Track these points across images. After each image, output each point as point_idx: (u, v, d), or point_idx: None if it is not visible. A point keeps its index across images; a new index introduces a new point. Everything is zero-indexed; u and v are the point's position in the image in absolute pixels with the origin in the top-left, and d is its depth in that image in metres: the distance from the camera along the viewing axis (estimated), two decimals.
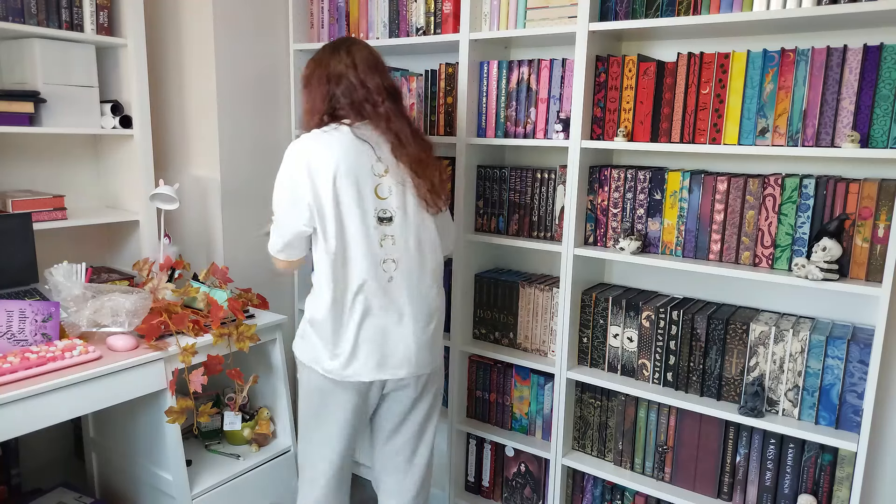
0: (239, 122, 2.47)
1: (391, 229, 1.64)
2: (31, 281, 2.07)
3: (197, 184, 2.50)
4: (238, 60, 2.44)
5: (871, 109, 1.60)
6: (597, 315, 2.07)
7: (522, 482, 2.32)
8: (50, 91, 2.06)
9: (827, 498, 1.77)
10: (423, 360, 1.71)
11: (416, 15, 2.25)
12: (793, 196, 1.72)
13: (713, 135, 1.79)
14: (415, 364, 1.69)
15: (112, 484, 2.17)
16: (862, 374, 1.68)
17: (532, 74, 2.07)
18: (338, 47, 1.68)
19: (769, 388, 1.81)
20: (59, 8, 2.06)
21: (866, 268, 1.66)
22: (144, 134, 2.29)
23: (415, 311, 1.67)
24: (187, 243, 2.57)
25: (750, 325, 1.81)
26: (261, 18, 2.50)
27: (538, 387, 2.22)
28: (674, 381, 1.95)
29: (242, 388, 2.10)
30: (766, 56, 1.70)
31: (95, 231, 2.48)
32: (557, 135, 2.02)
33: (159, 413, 1.84)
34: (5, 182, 2.25)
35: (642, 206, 1.95)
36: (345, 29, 2.44)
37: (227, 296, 2.02)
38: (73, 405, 1.63)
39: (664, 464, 2.00)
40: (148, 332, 1.82)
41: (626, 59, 1.91)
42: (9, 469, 2.16)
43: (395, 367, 1.67)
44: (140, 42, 2.24)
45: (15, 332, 1.70)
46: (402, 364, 1.67)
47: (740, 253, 1.81)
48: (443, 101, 2.25)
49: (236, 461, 2.12)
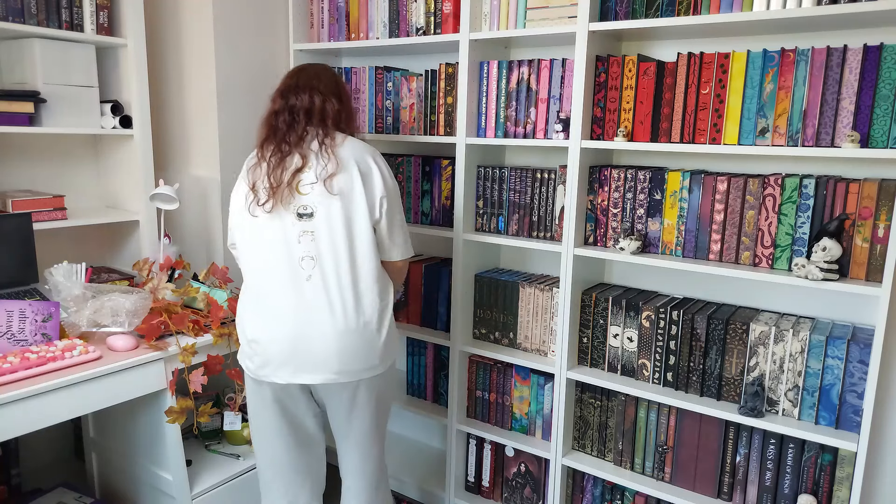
0: (239, 123, 2.47)
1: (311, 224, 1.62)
2: (31, 281, 2.07)
3: (197, 184, 2.50)
4: (238, 60, 2.44)
5: (871, 109, 1.60)
6: (597, 315, 2.07)
7: (522, 482, 2.32)
8: (50, 91, 2.06)
9: (827, 498, 1.77)
10: (349, 367, 1.63)
11: (416, 15, 2.25)
12: (793, 196, 1.72)
13: (713, 135, 1.79)
14: (334, 371, 1.62)
15: (112, 484, 2.17)
16: (862, 374, 1.68)
17: (532, 74, 2.07)
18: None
19: (769, 388, 1.81)
20: (59, 8, 2.06)
21: (866, 268, 1.66)
22: (144, 134, 2.29)
23: (337, 312, 1.62)
24: (187, 243, 2.57)
25: (750, 325, 1.81)
26: (261, 18, 2.50)
27: (538, 387, 2.22)
28: (674, 381, 1.95)
29: (242, 387, 2.10)
30: (766, 56, 1.70)
31: (95, 231, 2.48)
32: (557, 135, 2.02)
33: (159, 413, 1.85)
34: (5, 182, 2.25)
35: (642, 206, 1.95)
36: (345, 29, 2.44)
37: (227, 296, 2.02)
38: (73, 405, 1.63)
39: (664, 464, 2.00)
40: (148, 332, 1.82)
41: (626, 59, 1.91)
42: (9, 469, 2.16)
43: (310, 371, 1.62)
44: (140, 42, 2.24)
45: (15, 332, 1.70)
46: (318, 369, 1.62)
47: (740, 253, 1.81)
48: (443, 101, 2.25)
49: (236, 461, 2.12)
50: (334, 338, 1.61)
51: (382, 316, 1.68)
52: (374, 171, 1.65)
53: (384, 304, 1.69)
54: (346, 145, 1.66)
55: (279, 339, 1.61)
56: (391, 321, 1.72)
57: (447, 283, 2.34)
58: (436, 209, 2.35)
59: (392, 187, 1.70)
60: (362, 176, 1.63)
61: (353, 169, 1.62)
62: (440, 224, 2.35)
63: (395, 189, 1.71)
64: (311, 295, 1.61)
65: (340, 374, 1.63)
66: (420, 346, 2.48)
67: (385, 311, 1.69)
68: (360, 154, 1.66)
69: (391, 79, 2.36)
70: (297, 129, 1.66)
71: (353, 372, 1.64)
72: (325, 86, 1.72)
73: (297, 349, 1.61)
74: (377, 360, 1.68)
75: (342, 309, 1.62)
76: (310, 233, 1.61)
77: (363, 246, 1.64)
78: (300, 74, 1.74)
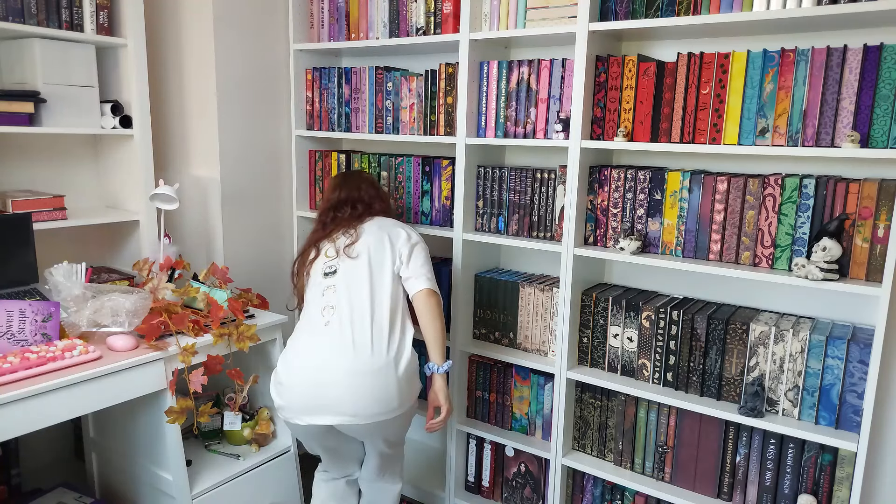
0: (239, 122, 2.47)
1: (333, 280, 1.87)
2: (31, 281, 2.07)
3: (197, 184, 2.50)
4: (238, 60, 2.44)
5: (871, 109, 1.60)
6: (597, 315, 2.07)
7: (522, 482, 2.32)
8: (50, 91, 2.06)
9: (827, 498, 1.77)
10: (365, 410, 1.71)
11: (416, 15, 2.25)
12: (793, 196, 1.72)
13: (713, 135, 1.79)
14: (349, 414, 1.71)
15: (112, 484, 2.17)
16: (862, 374, 1.68)
17: (532, 74, 2.07)
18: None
19: (769, 388, 1.81)
20: (59, 8, 2.06)
21: (866, 268, 1.66)
22: (144, 134, 2.29)
23: (350, 354, 1.73)
24: (187, 243, 2.57)
25: (750, 325, 1.81)
26: (261, 18, 2.50)
27: (538, 387, 2.22)
28: (674, 381, 1.95)
29: (242, 388, 2.10)
30: (766, 56, 1.70)
31: (95, 231, 2.48)
32: (557, 135, 2.02)
33: (159, 413, 1.85)
34: (5, 182, 2.25)
35: (642, 206, 1.95)
36: (345, 29, 2.44)
37: (227, 296, 2.02)
38: (73, 405, 1.63)
39: (664, 464, 2.00)
40: (148, 332, 1.82)
41: (626, 59, 1.91)
42: (9, 469, 2.16)
43: (325, 413, 1.72)
44: (140, 42, 2.24)
45: (15, 332, 1.70)
46: (332, 411, 1.72)
47: (740, 253, 1.81)
48: (443, 101, 2.25)
49: (236, 461, 2.12)
50: (348, 379, 1.70)
51: (398, 359, 1.75)
52: (399, 230, 1.93)
53: (401, 347, 1.79)
54: (373, 220, 1.97)
55: (296, 384, 1.75)
56: (409, 364, 1.79)
57: (447, 283, 2.34)
58: (436, 209, 2.35)
59: (416, 240, 1.94)
60: (389, 236, 1.91)
61: (377, 232, 1.91)
62: (440, 224, 2.35)
63: (419, 240, 1.95)
64: (328, 338, 1.75)
65: (356, 416, 1.71)
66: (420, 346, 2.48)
67: (401, 354, 1.78)
68: (387, 223, 1.96)
69: (391, 79, 2.36)
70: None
71: (369, 415, 1.72)
72: (366, 192, 2.05)
73: (314, 394, 1.72)
74: (395, 403, 1.74)
75: (355, 351, 1.72)
76: (332, 287, 1.84)
77: (381, 295, 1.82)
78: (343, 187, 2.06)
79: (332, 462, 2.03)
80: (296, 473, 2.25)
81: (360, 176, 2.11)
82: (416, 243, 1.93)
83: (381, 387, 1.71)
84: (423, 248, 1.94)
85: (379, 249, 1.89)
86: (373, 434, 1.82)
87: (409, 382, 1.77)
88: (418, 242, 1.93)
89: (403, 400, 1.76)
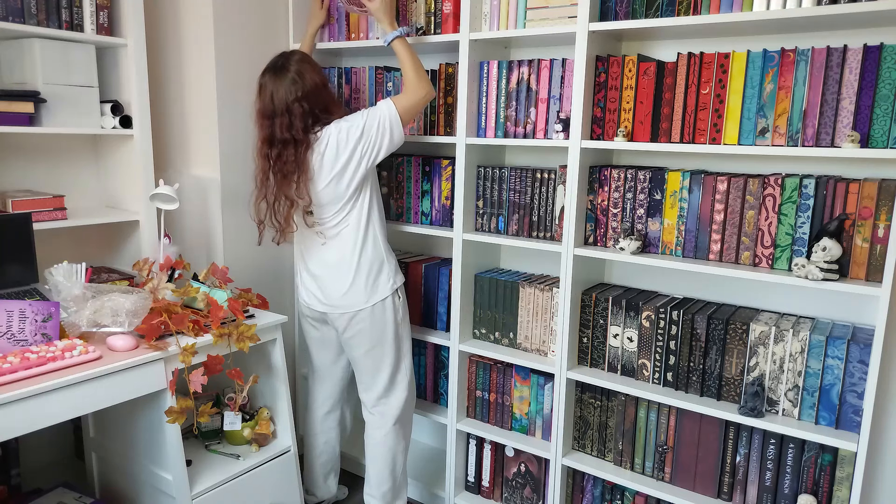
0: (239, 123, 2.47)
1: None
2: (31, 281, 2.07)
3: (197, 184, 2.50)
4: (238, 60, 2.44)
5: (871, 109, 1.60)
6: (597, 315, 2.07)
7: (522, 482, 2.32)
8: (50, 91, 2.06)
9: (827, 498, 1.77)
10: (341, 302, 2.12)
11: (416, 15, 2.25)
12: (793, 196, 1.72)
13: (713, 135, 1.79)
14: (337, 305, 2.13)
15: (112, 484, 2.17)
16: (862, 374, 1.68)
17: (532, 74, 2.07)
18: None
19: (769, 388, 1.81)
20: (59, 8, 2.06)
21: (866, 268, 1.66)
22: (144, 134, 2.29)
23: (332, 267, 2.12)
24: (187, 243, 2.57)
25: (750, 325, 1.81)
26: (261, 18, 2.50)
27: (538, 387, 2.22)
28: (674, 381, 1.95)
29: (242, 388, 2.10)
30: (766, 56, 1.70)
31: (95, 231, 2.48)
32: (557, 135, 2.02)
33: (159, 413, 1.84)
34: (5, 182, 2.25)
35: (642, 206, 1.95)
36: (345, 29, 2.44)
37: (227, 296, 2.02)
38: (73, 405, 1.63)
39: (664, 464, 2.00)
40: (148, 332, 1.81)
41: (626, 59, 1.91)
42: (9, 469, 2.16)
43: (323, 304, 2.17)
44: (140, 42, 2.24)
45: (15, 332, 1.70)
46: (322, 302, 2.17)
47: (740, 253, 1.81)
48: (442, 101, 2.25)
49: (236, 461, 2.12)
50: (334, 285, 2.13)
51: (361, 255, 2.09)
52: (345, 137, 2.00)
53: (364, 249, 2.08)
54: (316, 161, 2.03)
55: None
56: (372, 268, 2.09)
57: (447, 282, 2.34)
58: (436, 209, 2.35)
59: (362, 122, 2.02)
60: (338, 162, 2.01)
61: (323, 169, 2.02)
62: (440, 224, 2.35)
63: (369, 114, 2.03)
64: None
65: (335, 307, 2.13)
66: (420, 345, 2.48)
67: (361, 261, 2.08)
68: (329, 149, 2.02)
69: (391, 79, 2.36)
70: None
71: (341, 307, 2.12)
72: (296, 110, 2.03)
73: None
74: (360, 298, 2.10)
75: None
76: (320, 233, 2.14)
77: (352, 219, 2.08)
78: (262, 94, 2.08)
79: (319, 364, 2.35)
80: (296, 473, 2.24)
81: (285, 74, 2.06)
82: (365, 126, 2.01)
83: (347, 287, 2.09)
84: (378, 111, 2.03)
85: (337, 195, 2.04)
86: (346, 328, 2.14)
87: (370, 282, 2.09)
88: (367, 118, 2.01)
89: (368, 297, 2.09)
